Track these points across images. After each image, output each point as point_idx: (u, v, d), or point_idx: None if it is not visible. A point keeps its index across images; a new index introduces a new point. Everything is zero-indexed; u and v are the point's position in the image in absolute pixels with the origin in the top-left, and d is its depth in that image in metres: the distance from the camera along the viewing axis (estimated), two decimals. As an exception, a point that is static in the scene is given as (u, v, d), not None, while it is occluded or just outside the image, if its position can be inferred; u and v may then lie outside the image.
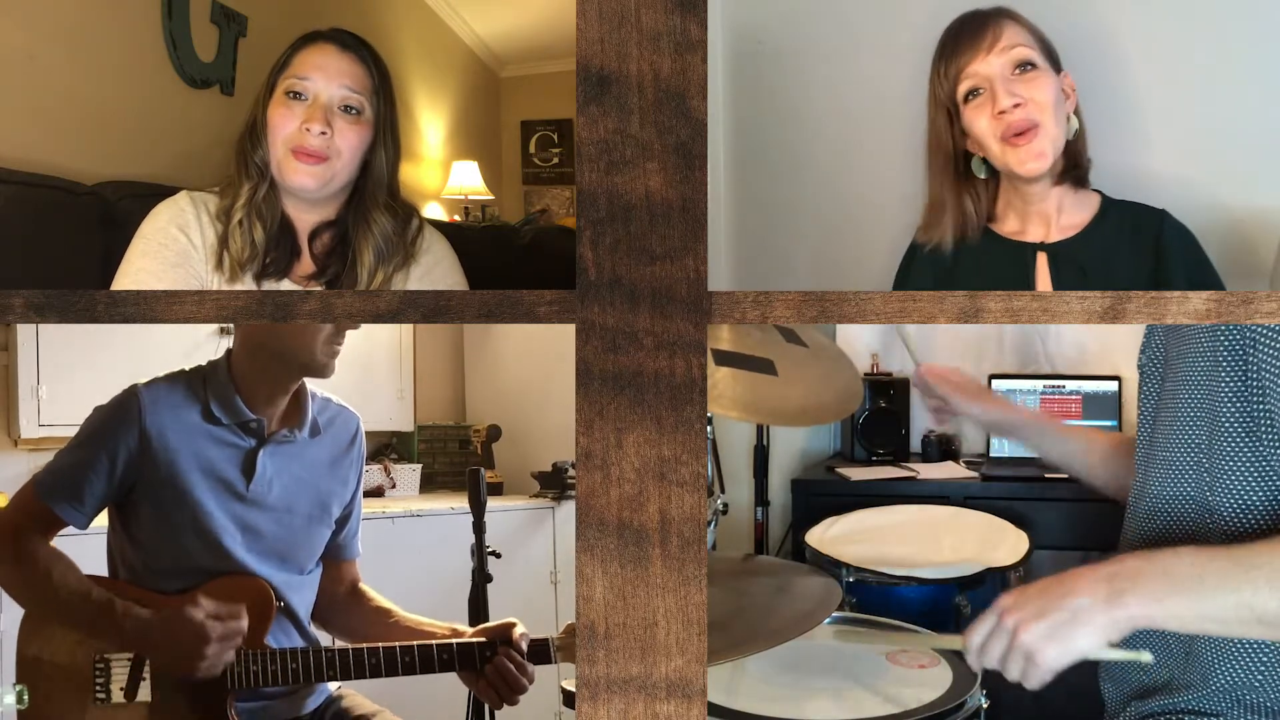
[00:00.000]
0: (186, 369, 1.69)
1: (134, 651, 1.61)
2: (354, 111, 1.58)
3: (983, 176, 1.55)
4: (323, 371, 1.69)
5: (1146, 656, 1.34)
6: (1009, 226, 1.57)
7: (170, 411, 1.65)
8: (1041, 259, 1.54)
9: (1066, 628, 1.24)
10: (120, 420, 1.63)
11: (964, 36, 1.50)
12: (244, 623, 1.60)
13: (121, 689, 1.60)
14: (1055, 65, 1.51)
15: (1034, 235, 1.55)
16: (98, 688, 1.61)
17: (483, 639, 1.68)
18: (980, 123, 1.50)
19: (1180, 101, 1.61)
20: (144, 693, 1.61)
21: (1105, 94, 1.58)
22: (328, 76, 1.58)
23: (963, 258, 1.56)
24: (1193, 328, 1.35)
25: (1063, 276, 1.51)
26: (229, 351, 1.70)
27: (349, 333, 1.70)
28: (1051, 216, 1.54)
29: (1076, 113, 1.52)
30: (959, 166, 1.55)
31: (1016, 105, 1.47)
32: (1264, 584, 1.18)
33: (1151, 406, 1.47)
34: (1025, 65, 1.48)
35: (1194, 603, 1.21)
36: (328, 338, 1.67)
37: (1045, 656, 1.24)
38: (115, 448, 1.62)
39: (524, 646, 1.67)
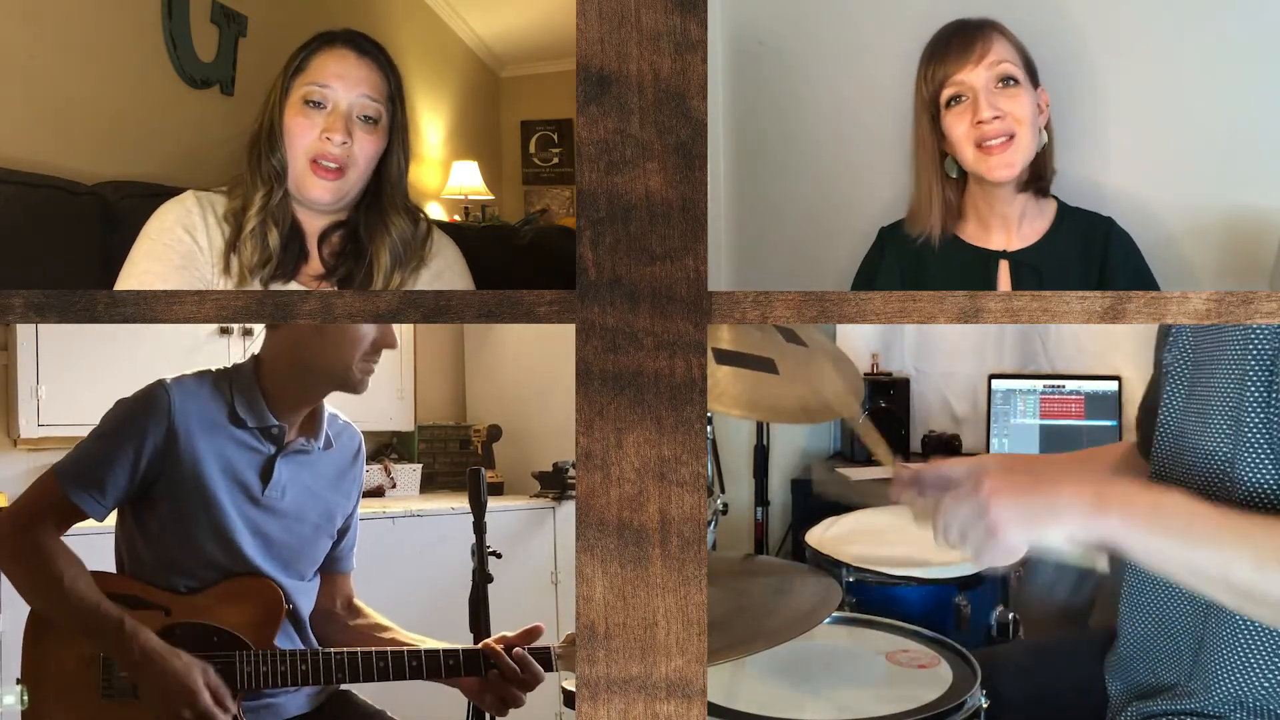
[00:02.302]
0: (213, 369, 1.69)
1: (128, 675, 1.60)
2: (372, 121, 1.59)
3: (954, 176, 1.63)
4: (357, 388, 1.67)
5: (1101, 564, 1.27)
6: (971, 229, 1.64)
7: (198, 409, 1.64)
8: (1003, 266, 1.61)
9: (1039, 516, 1.22)
10: (149, 414, 1.61)
11: (954, 45, 1.57)
12: (227, 716, 1.59)
13: (131, 686, 1.60)
14: (1034, 80, 1.58)
15: (997, 241, 1.62)
16: (105, 683, 1.61)
17: (485, 649, 1.68)
18: (959, 129, 1.57)
19: (1172, 104, 1.62)
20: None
21: (1091, 104, 1.62)
22: (347, 85, 1.58)
23: (929, 261, 1.63)
24: (1225, 331, 1.34)
25: (1023, 283, 1.59)
26: (255, 356, 1.69)
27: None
28: (1013, 223, 1.62)
29: (1048, 127, 1.59)
30: (940, 163, 1.62)
31: (996, 117, 1.55)
32: (1247, 555, 1.17)
33: (1177, 408, 1.44)
34: (1008, 80, 1.55)
35: (1172, 544, 1.19)
36: (365, 354, 1.65)
37: (1007, 534, 1.22)
38: (142, 441, 1.60)
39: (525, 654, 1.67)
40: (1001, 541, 1.22)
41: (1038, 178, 1.60)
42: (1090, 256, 1.59)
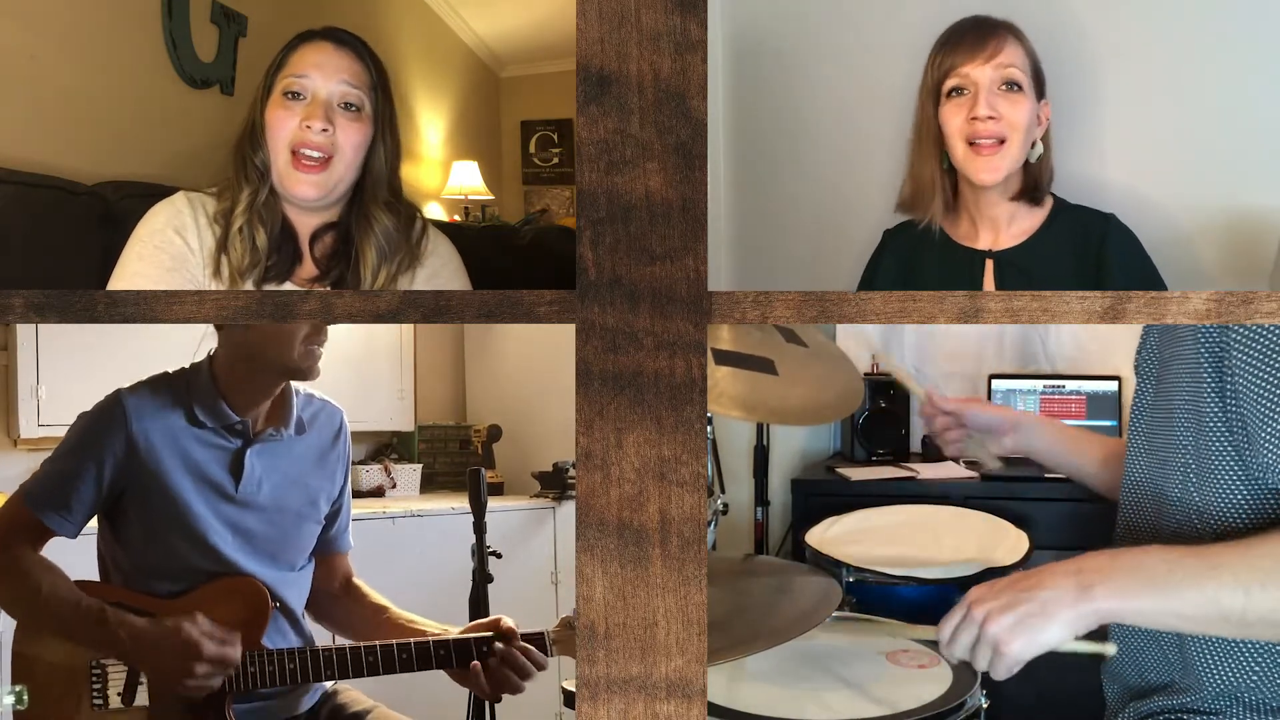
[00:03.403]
0: (169, 371, 1.68)
1: (126, 663, 1.60)
2: (354, 108, 1.57)
3: (945, 168, 1.62)
4: (306, 374, 1.67)
5: (1110, 649, 1.35)
6: (963, 229, 1.64)
7: (156, 416, 1.64)
8: (988, 266, 1.61)
9: (1033, 619, 1.26)
10: (106, 427, 1.62)
11: (968, 38, 1.56)
12: (237, 651, 1.59)
13: (119, 694, 1.60)
14: (1039, 91, 1.58)
15: (984, 239, 1.63)
16: (94, 693, 1.60)
17: (481, 634, 1.68)
18: (954, 121, 1.57)
19: (1173, 104, 1.62)
20: (141, 697, 1.61)
21: (1092, 103, 1.62)
22: (325, 74, 1.56)
23: (920, 262, 1.63)
24: (1182, 329, 1.36)
25: (1007, 282, 1.59)
26: (211, 355, 1.69)
27: (348, 333, 1.69)
28: (1001, 223, 1.62)
29: (1046, 139, 1.59)
30: (941, 149, 1.61)
31: (991, 118, 1.55)
32: (1228, 582, 1.21)
33: (1145, 405, 1.48)
34: (1012, 84, 1.56)
35: (1160, 599, 1.23)
36: (304, 339, 1.65)
37: (1011, 648, 1.26)
38: (102, 455, 1.61)
39: (510, 636, 1.67)
40: (1008, 655, 1.27)
41: (1031, 188, 1.60)
42: (1085, 254, 1.59)
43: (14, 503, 1.62)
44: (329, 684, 1.78)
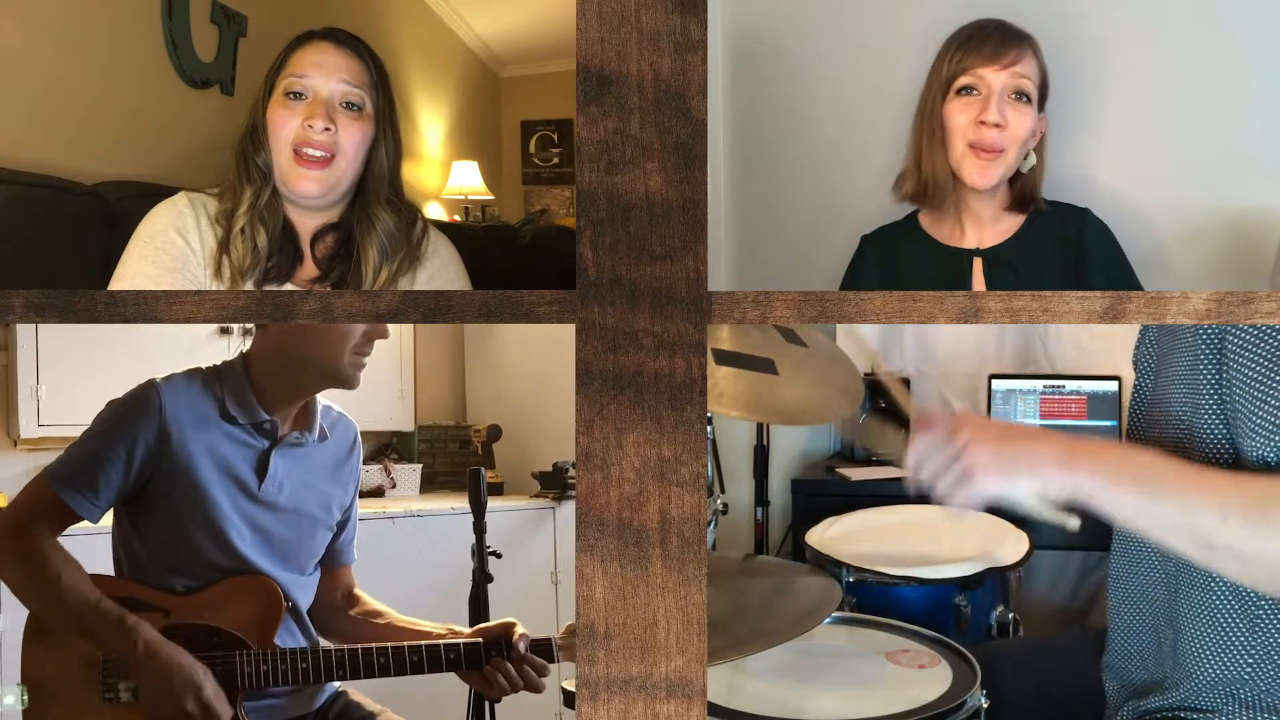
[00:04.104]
0: (202, 367, 1.69)
1: (129, 674, 1.60)
2: (355, 108, 1.58)
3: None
4: (349, 382, 1.67)
5: (1073, 522, 1.28)
6: (946, 227, 1.65)
7: (189, 406, 1.64)
8: (977, 264, 1.62)
9: (1013, 464, 1.24)
10: (140, 413, 1.61)
11: (990, 41, 1.57)
12: (228, 712, 1.59)
13: (131, 689, 1.60)
14: (1040, 104, 1.59)
15: (970, 238, 1.63)
16: (106, 687, 1.60)
17: (486, 640, 1.68)
18: (960, 119, 1.58)
19: (1173, 105, 1.62)
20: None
21: (1092, 106, 1.64)
22: (326, 73, 1.57)
23: (906, 263, 1.64)
24: (1181, 327, 1.37)
25: (996, 279, 1.60)
26: (244, 353, 1.69)
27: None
28: (985, 221, 1.63)
29: (1040, 150, 1.61)
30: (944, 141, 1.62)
31: (997, 125, 1.56)
32: (1212, 502, 1.19)
33: (1143, 401, 1.48)
34: (1022, 95, 1.57)
35: (1141, 496, 1.21)
36: (356, 346, 1.65)
37: (981, 480, 1.24)
38: (134, 440, 1.60)
39: (522, 648, 1.67)
40: (975, 486, 1.24)
41: (1020, 199, 1.61)
42: (1066, 249, 1.60)
43: (39, 483, 1.60)
44: (337, 684, 1.78)
